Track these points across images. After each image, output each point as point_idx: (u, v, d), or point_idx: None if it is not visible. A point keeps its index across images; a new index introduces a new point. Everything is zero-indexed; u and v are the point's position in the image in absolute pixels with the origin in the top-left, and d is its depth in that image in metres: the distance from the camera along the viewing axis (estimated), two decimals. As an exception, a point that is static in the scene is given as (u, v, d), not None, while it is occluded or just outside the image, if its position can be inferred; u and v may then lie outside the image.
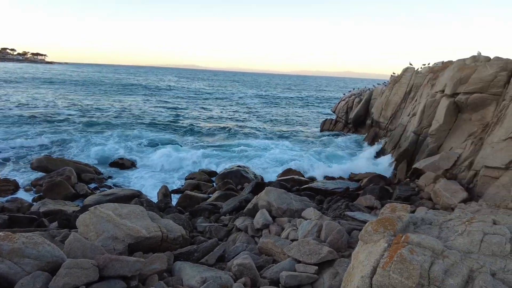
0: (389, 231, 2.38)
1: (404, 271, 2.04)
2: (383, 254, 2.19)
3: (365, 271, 2.16)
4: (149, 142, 19.75)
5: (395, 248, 2.16)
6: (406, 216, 2.65)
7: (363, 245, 2.44)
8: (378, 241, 2.32)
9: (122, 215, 5.30)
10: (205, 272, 4.64)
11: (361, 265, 2.26)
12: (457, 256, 2.18)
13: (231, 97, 49.98)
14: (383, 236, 2.35)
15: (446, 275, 2.05)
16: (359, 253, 2.42)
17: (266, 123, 30.31)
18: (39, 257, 3.58)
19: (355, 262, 2.41)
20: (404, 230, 2.55)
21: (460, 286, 2.01)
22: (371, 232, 2.38)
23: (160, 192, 9.79)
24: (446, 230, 2.55)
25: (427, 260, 2.09)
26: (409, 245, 2.17)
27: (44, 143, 18.22)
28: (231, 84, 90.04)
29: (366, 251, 2.33)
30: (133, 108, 33.21)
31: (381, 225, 2.42)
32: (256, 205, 7.63)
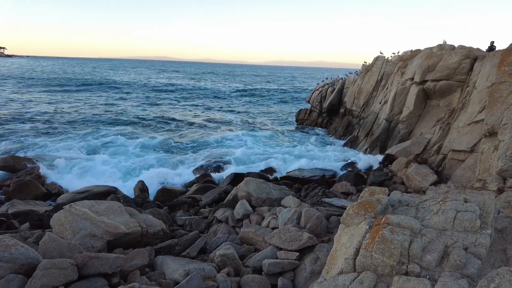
0: (370, 213, 2.47)
1: (386, 250, 2.12)
2: (365, 236, 2.27)
3: (348, 253, 2.24)
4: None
5: (376, 230, 2.24)
6: (385, 198, 2.75)
7: (345, 228, 2.52)
8: (360, 224, 2.40)
9: (99, 212, 5.16)
10: (188, 265, 4.63)
11: (344, 248, 2.33)
12: (433, 233, 2.30)
13: (206, 92, 49.33)
14: (364, 218, 2.43)
15: (424, 252, 2.16)
16: (342, 236, 2.50)
17: (242, 116, 30.24)
18: (12, 259, 3.42)
19: (337, 245, 2.48)
20: (383, 212, 2.65)
21: (437, 261, 2.13)
22: (353, 215, 2.46)
23: (137, 187, 9.58)
24: (423, 210, 2.68)
25: (407, 239, 2.19)
26: (389, 225, 2.26)
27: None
28: (205, 76, 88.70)
29: (349, 234, 2.41)
30: (90, 108, 32.07)
31: (362, 208, 2.51)
32: (236, 196, 7.65)
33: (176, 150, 17.54)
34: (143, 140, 18.83)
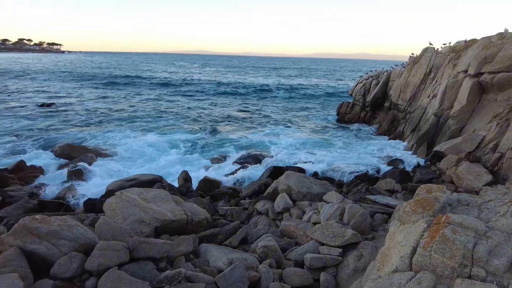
0: (428, 211, 2.34)
1: (447, 251, 2.00)
2: (422, 235, 2.16)
3: (404, 251, 2.14)
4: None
5: (436, 229, 2.12)
6: (443, 197, 2.59)
7: (400, 226, 2.41)
8: (417, 222, 2.29)
9: (148, 199, 5.41)
10: (231, 254, 4.72)
11: (399, 246, 2.23)
12: (501, 237, 2.13)
13: (246, 86, 49.67)
14: (422, 216, 2.31)
15: (490, 256, 2.01)
16: (396, 234, 2.39)
17: (281, 110, 30.10)
18: (74, 239, 3.70)
19: (391, 243, 2.39)
20: (441, 211, 2.50)
21: (506, 266, 1.97)
22: (409, 213, 2.35)
23: (181, 177, 9.93)
24: (486, 211, 2.49)
25: (470, 241, 2.05)
26: (451, 225, 2.12)
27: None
28: (246, 70, 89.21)
29: (404, 232, 2.30)
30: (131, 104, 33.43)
31: (419, 206, 2.38)
32: (276, 189, 7.66)
33: (216, 143, 17.91)
34: (186, 133, 19.46)
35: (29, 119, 22.11)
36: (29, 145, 16.28)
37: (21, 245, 3.52)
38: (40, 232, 3.56)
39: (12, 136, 17.67)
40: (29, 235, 3.56)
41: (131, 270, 3.84)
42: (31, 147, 15.81)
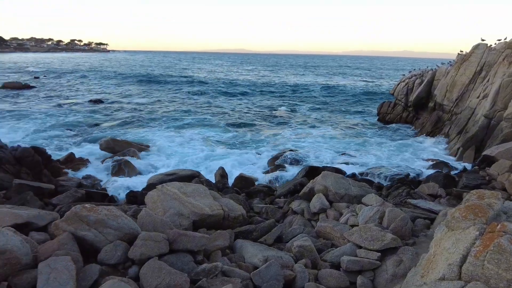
0: (480, 218, 2.19)
1: (502, 262, 1.86)
2: (474, 243, 2.03)
3: (453, 258, 2.03)
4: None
5: (490, 237, 1.98)
6: (498, 204, 2.42)
7: (448, 232, 2.29)
8: (468, 229, 2.15)
9: (187, 193, 5.57)
10: (266, 251, 4.74)
11: (446, 252, 2.12)
12: None
13: (283, 83, 49.49)
14: (473, 223, 2.17)
15: (552, 270, 1.84)
16: (443, 240, 2.28)
17: (319, 108, 29.65)
18: (119, 228, 3.91)
19: (437, 249, 2.27)
20: (495, 219, 2.34)
21: None
22: (459, 219, 2.22)
23: (218, 173, 10.13)
24: (549, 221, 2.28)
25: (530, 252, 1.89)
26: (507, 234, 1.98)
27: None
28: (283, 68, 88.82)
29: (453, 238, 2.18)
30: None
31: (470, 212, 2.24)
32: (312, 189, 7.57)
33: (252, 141, 18.04)
34: (223, 131, 19.81)
35: (80, 114, 23.65)
36: (79, 138, 17.42)
37: (72, 231, 3.77)
38: (89, 220, 3.80)
39: (64, 130, 19.01)
40: (80, 222, 3.81)
41: (170, 261, 3.97)
42: (80, 141, 16.90)
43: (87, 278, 3.45)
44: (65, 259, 3.27)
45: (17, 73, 54.84)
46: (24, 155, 10.19)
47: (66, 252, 3.48)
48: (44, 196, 8.32)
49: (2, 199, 7.88)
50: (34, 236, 4.40)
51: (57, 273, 3.16)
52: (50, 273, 3.16)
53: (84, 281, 3.41)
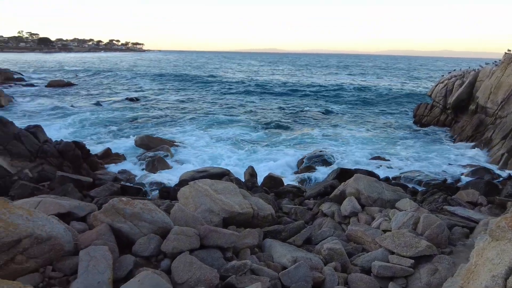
0: (529, 229, 2.05)
1: (555, 277, 1.73)
2: (521, 255, 1.90)
3: (497, 270, 1.91)
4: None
5: (541, 250, 1.85)
6: (549, 214, 2.25)
7: (492, 242, 2.16)
8: (514, 239, 2.02)
9: (218, 190, 5.66)
10: (295, 252, 4.72)
11: (489, 263, 2.00)
12: None
13: (314, 83, 48.93)
14: (521, 234, 2.03)
15: None
16: (486, 250, 2.15)
17: (351, 110, 29.01)
18: (153, 221, 4.05)
19: (479, 259, 2.16)
20: (546, 230, 2.17)
21: None
22: (505, 229, 2.09)
23: (247, 172, 10.21)
24: None
25: None
26: (561, 248, 1.83)
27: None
28: (316, 68, 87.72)
29: (497, 249, 2.06)
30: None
31: (518, 222, 2.10)
32: (344, 192, 7.42)
33: (283, 141, 17.97)
34: (253, 131, 19.92)
35: (117, 112, 24.71)
36: (115, 134, 18.20)
37: (110, 222, 3.95)
38: (126, 213, 3.96)
39: (102, 126, 19.95)
40: (117, 215, 3.99)
41: (201, 256, 4.05)
42: (117, 137, 17.66)
43: (123, 268, 3.60)
44: (103, 248, 3.44)
45: (61, 71, 58.22)
46: (66, 149, 10.80)
47: (104, 242, 3.66)
48: (83, 188, 8.78)
49: (46, 189, 8.41)
50: (74, 226, 4.66)
51: (96, 261, 3.32)
52: (89, 260, 3.33)
53: (119, 270, 3.57)
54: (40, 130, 11.08)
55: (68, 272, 3.49)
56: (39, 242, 3.25)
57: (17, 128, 10.58)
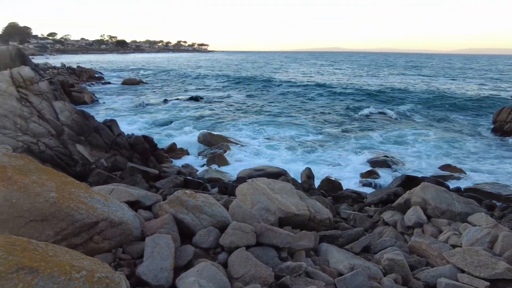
0: None
1: None
2: None
3: None
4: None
5: None
6: None
7: None
8: None
9: (275, 190, 5.68)
10: (353, 259, 4.54)
11: None
12: None
13: (382, 84, 46.64)
14: None
15: None
16: None
17: (420, 112, 27.07)
18: (213, 215, 4.20)
19: None
20: None
21: None
22: None
23: (304, 173, 10.10)
24: None
25: None
26: None
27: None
28: (383, 69, 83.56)
29: None
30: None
31: None
32: (408, 201, 6.96)
33: (343, 143, 17.43)
34: (313, 132, 19.64)
35: (182, 109, 26.21)
36: (180, 130, 19.29)
37: (173, 213, 4.19)
38: (188, 204, 4.17)
39: (168, 122, 21.30)
40: (180, 206, 4.22)
41: (256, 253, 4.10)
42: (181, 133, 18.71)
43: (183, 257, 3.80)
44: (166, 237, 3.66)
45: (134, 70, 63.35)
46: (136, 142, 11.73)
47: (168, 231, 3.89)
48: (149, 179, 9.45)
49: (118, 178, 9.23)
50: (141, 213, 5.03)
51: (160, 248, 3.55)
52: (154, 247, 3.56)
53: (180, 259, 3.76)
54: (115, 124, 12.18)
55: (135, 256, 3.79)
56: (113, 226, 3.57)
57: (97, 122, 11.76)
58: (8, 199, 3.02)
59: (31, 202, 3.04)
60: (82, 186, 3.65)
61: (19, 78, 10.95)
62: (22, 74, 11.03)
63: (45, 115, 10.53)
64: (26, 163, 3.51)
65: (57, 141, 10.17)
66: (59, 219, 3.14)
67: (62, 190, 3.29)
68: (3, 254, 1.68)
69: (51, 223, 3.13)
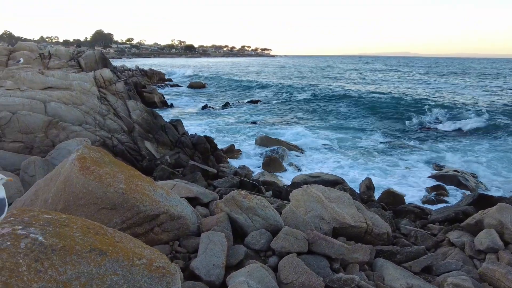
0: None
1: None
2: None
3: None
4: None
5: None
6: None
7: None
8: None
9: (330, 198, 5.54)
10: (411, 279, 4.24)
11: None
12: None
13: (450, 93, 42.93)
14: None
15: None
16: None
17: (488, 122, 24.31)
18: (266, 218, 4.24)
19: None
20: None
21: None
22: None
23: (364, 184, 9.67)
24: None
25: None
26: None
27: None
28: (451, 75, 76.81)
29: None
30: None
31: None
32: (481, 222, 6.27)
33: (409, 153, 16.34)
34: (379, 141, 18.80)
35: (242, 112, 26.93)
36: (239, 132, 19.77)
37: (228, 212, 4.32)
38: (243, 205, 4.26)
39: (229, 124, 21.96)
40: (235, 206, 4.33)
41: (308, 261, 4.04)
42: (240, 135, 19.15)
43: (235, 256, 3.89)
44: (220, 235, 3.78)
45: (199, 74, 66.55)
46: (198, 142, 12.31)
47: (222, 229, 4.02)
48: (208, 178, 9.84)
49: (180, 175, 9.75)
50: (199, 210, 5.27)
51: (213, 245, 3.68)
52: (208, 243, 3.71)
53: (232, 258, 3.86)
54: (180, 124, 12.92)
55: (190, 250, 3.97)
56: (172, 219, 3.79)
57: (164, 121, 12.60)
58: (86, 187, 3.38)
59: (103, 191, 3.37)
60: (147, 179, 3.94)
61: (100, 78, 12.20)
62: (103, 75, 12.28)
63: (120, 113, 11.57)
64: (102, 155, 3.89)
65: (128, 137, 11.11)
66: (125, 208, 3.43)
67: (130, 182, 3.59)
68: (80, 235, 1.89)
69: (119, 211, 3.43)
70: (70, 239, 1.78)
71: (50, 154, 8.02)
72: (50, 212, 2.03)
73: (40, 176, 6.38)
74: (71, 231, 1.86)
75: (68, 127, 10.20)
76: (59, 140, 9.48)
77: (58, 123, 10.06)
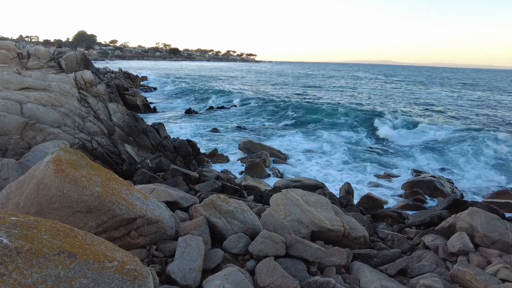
0: None
1: None
2: None
3: None
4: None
5: None
6: None
7: None
8: None
9: (309, 202, 5.61)
10: (386, 281, 4.34)
11: None
12: None
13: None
14: None
15: None
16: None
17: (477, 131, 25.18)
18: (244, 221, 4.26)
19: None
20: None
21: None
22: None
23: (343, 188, 9.84)
24: None
25: None
26: None
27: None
28: (431, 85, 79.12)
29: None
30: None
31: None
32: (453, 226, 6.48)
33: (387, 161, 16.72)
34: (356, 148, 19.10)
35: (226, 116, 26.87)
36: (222, 136, 19.76)
37: (207, 216, 4.32)
38: (221, 209, 4.27)
39: (212, 128, 21.90)
40: (214, 210, 4.33)
41: (285, 265, 4.08)
42: (224, 139, 19.14)
43: (212, 260, 3.88)
44: (198, 239, 3.78)
45: (184, 77, 66.17)
46: (180, 146, 12.22)
47: (200, 233, 4.01)
48: (189, 182, 9.77)
49: (160, 179, 9.66)
50: (178, 214, 5.23)
51: (190, 249, 3.67)
52: (185, 247, 3.69)
53: (209, 262, 3.85)
54: (162, 127, 12.81)
55: (167, 254, 3.94)
56: (149, 223, 3.76)
57: (145, 124, 12.46)
58: (60, 190, 3.32)
59: (78, 194, 3.32)
60: (124, 183, 3.90)
61: (81, 80, 11.98)
62: (83, 77, 12.06)
63: (100, 115, 11.38)
64: (78, 158, 3.83)
65: (109, 140, 10.93)
66: (101, 212, 3.39)
67: (107, 185, 3.55)
68: (48, 238, 1.87)
69: (94, 215, 3.38)
70: (38, 241, 1.76)
71: (25, 157, 7.80)
72: (17, 214, 1.99)
73: (14, 179, 6.20)
74: (39, 233, 1.84)
75: (45, 129, 9.95)
76: (36, 143, 9.23)
77: (35, 125, 9.80)
